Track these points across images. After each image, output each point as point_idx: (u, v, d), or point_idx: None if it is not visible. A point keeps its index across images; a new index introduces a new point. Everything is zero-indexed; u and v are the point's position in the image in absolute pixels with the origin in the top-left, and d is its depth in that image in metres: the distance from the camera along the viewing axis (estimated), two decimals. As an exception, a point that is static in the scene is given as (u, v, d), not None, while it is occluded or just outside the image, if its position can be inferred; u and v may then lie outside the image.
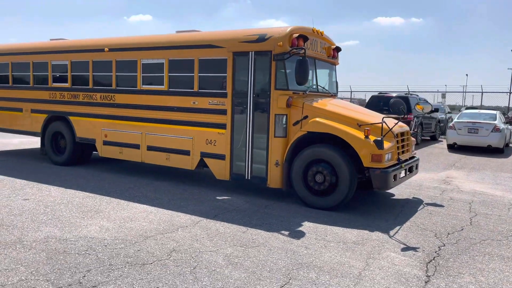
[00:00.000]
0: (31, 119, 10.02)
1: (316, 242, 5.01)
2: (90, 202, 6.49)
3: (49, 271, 3.99)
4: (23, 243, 4.69)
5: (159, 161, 8.06)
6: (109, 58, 8.59)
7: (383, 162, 6.07)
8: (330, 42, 7.97)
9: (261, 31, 6.90)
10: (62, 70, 9.41)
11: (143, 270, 4.08)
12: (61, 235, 4.98)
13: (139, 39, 8.46)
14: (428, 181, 9.13)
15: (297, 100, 6.74)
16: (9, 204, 6.22)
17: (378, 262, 4.48)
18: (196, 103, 7.48)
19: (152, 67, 8.07)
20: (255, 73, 6.87)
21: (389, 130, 6.20)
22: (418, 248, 4.94)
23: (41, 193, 6.96)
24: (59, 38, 10.32)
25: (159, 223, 5.56)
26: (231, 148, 7.12)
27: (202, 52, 7.38)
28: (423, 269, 4.34)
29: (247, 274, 4.07)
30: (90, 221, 5.55)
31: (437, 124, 19.08)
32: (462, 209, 6.82)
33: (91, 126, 8.95)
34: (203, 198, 6.93)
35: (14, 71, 10.28)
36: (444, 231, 5.62)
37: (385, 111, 7.06)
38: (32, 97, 9.92)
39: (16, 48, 10.37)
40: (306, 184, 6.54)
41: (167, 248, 4.67)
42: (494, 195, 8.05)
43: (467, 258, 4.68)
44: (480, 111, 16.50)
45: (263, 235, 5.19)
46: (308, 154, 6.49)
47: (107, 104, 8.67)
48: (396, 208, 6.78)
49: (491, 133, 14.50)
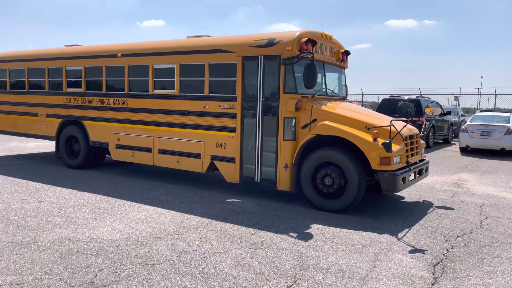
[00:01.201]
0: (46, 123, 10.25)
1: (324, 244, 5.05)
2: (102, 204, 6.63)
3: (62, 271, 4.11)
4: (38, 243, 4.83)
5: (170, 164, 8.19)
6: (122, 64, 8.77)
7: (392, 164, 6.08)
8: (339, 46, 8.02)
9: (270, 36, 6.99)
10: (76, 76, 9.63)
11: (153, 270, 4.18)
12: (74, 236, 5.11)
13: (150, 45, 8.62)
14: (439, 184, 9.08)
15: (306, 104, 6.80)
16: (24, 206, 6.40)
17: (385, 264, 4.50)
18: (207, 107, 7.59)
19: (163, 72, 8.22)
20: (264, 77, 6.95)
21: (398, 132, 6.21)
22: (426, 250, 4.95)
23: (56, 195, 7.13)
24: (73, 44, 10.56)
25: (170, 224, 5.66)
26: (240, 151, 7.21)
27: (212, 57, 7.50)
28: (430, 271, 4.36)
29: (255, 274, 4.14)
30: (102, 222, 5.68)
31: (450, 127, 18.91)
32: (473, 212, 6.78)
33: (104, 130, 9.13)
34: (213, 201, 7.02)
35: (30, 76, 10.54)
36: (453, 234, 5.61)
37: (396, 114, 7.06)
38: (47, 102, 10.16)
39: (32, 54, 10.64)
40: (315, 186, 6.59)
41: (177, 249, 4.76)
42: (506, 198, 7.98)
43: (475, 261, 4.68)
44: (494, 114, 16.32)
45: (271, 237, 5.25)
46: (317, 157, 6.54)
47: (120, 109, 8.84)
48: (405, 210, 6.78)
49: (505, 135, 14.33)
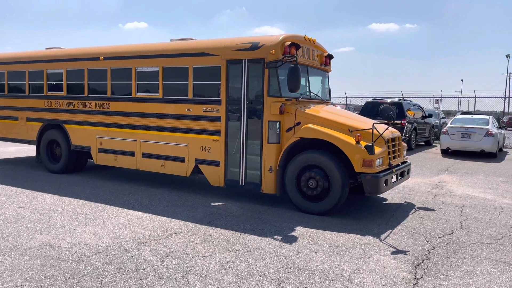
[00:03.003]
0: (26, 127, 10.07)
1: (308, 247, 5.08)
2: (84, 209, 6.54)
3: (43, 277, 4.04)
4: (18, 250, 4.74)
5: (154, 168, 8.13)
6: (104, 67, 8.68)
7: (374, 167, 6.16)
8: (322, 50, 8.10)
9: (254, 39, 7.01)
10: (57, 79, 9.49)
11: (136, 275, 4.14)
12: (55, 242, 5.03)
13: (133, 48, 8.55)
14: (420, 186, 9.22)
15: (290, 107, 6.84)
16: (4, 212, 6.27)
17: (368, 265, 4.55)
18: (191, 110, 7.56)
19: (146, 75, 8.16)
20: (248, 81, 6.97)
21: (380, 135, 6.30)
22: (407, 251, 5.02)
23: (36, 200, 7.01)
24: (54, 47, 10.41)
25: (153, 229, 5.61)
26: (225, 155, 7.20)
27: (196, 60, 7.49)
28: (411, 272, 4.42)
29: (239, 278, 4.14)
30: (84, 228, 5.60)
31: (431, 130, 19.25)
32: (453, 213, 6.91)
33: (86, 134, 9.01)
34: (197, 205, 7.00)
35: (10, 80, 10.35)
36: (434, 235, 5.70)
37: (379, 117, 7.17)
38: (27, 105, 9.98)
39: (12, 57, 10.45)
40: (299, 189, 6.62)
41: (160, 254, 4.72)
42: (486, 199, 8.15)
43: (456, 261, 4.77)
44: (473, 116, 16.67)
45: (256, 240, 5.26)
46: (301, 160, 6.57)
47: (102, 112, 8.74)
48: (388, 212, 6.86)
49: (484, 137, 14.65)
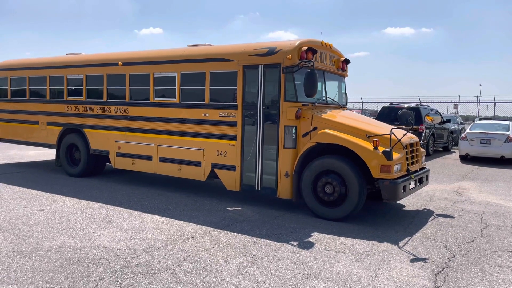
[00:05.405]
0: (47, 131, 10.27)
1: (325, 253, 5.05)
2: (103, 212, 6.63)
3: (63, 280, 4.10)
4: (39, 252, 4.82)
5: (171, 172, 8.19)
6: (123, 72, 8.81)
7: (392, 173, 6.09)
8: (339, 55, 8.07)
9: (270, 45, 7.03)
10: (77, 84, 9.66)
11: (154, 279, 4.17)
12: (75, 244, 5.10)
13: (151, 53, 8.67)
14: (439, 192, 9.08)
15: (306, 112, 6.83)
16: (25, 214, 6.39)
17: (386, 272, 4.50)
18: (207, 115, 7.61)
19: (164, 80, 8.25)
20: (264, 86, 6.98)
21: (398, 141, 6.24)
22: (427, 259, 4.94)
23: (56, 203, 7.12)
24: (75, 53, 10.62)
25: (170, 233, 5.65)
26: (241, 159, 7.21)
27: (213, 65, 7.54)
28: (431, 280, 4.35)
29: (256, 283, 4.13)
30: (103, 231, 5.67)
31: (450, 135, 18.95)
32: (474, 221, 6.78)
33: (105, 138, 9.15)
34: (213, 209, 7.02)
35: (31, 85, 10.58)
36: (454, 242, 5.60)
37: (396, 123, 7.09)
38: (48, 110, 10.18)
39: (34, 63, 10.69)
40: (315, 195, 6.59)
41: (177, 257, 4.75)
42: (507, 206, 7.97)
43: (477, 269, 4.67)
44: (493, 122, 16.36)
45: (272, 246, 5.24)
46: (317, 165, 6.55)
47: (121, 117, 8.86)
48: (406, 219, 6.77)
49: (504, 143, 14.36)
